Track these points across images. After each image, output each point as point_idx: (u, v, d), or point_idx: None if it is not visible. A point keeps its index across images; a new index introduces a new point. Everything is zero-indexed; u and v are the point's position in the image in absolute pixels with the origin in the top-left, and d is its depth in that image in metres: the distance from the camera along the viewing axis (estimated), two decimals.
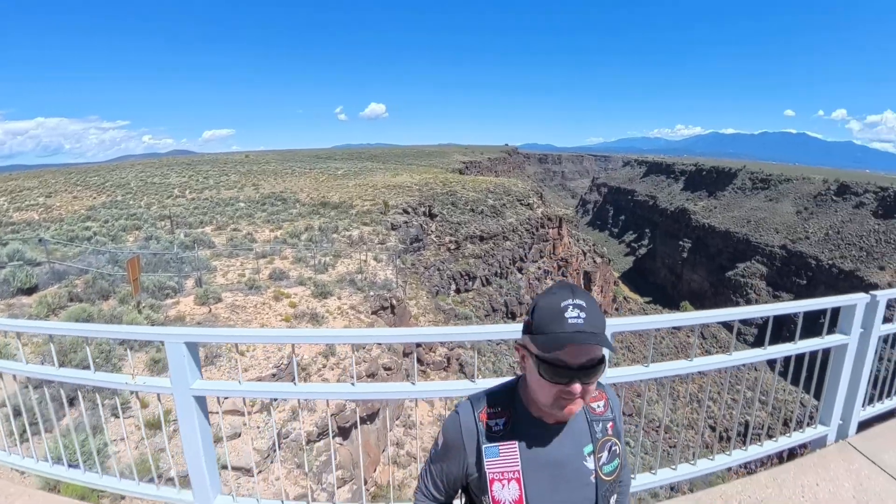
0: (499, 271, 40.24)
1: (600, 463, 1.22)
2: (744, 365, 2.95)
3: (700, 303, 79.51)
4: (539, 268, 46.07)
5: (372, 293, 16.76)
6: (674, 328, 46.51)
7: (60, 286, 11.62)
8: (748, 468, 3.87)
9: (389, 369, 13.15)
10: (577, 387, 1.05)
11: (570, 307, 1.04)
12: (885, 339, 3.33)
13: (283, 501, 2.41)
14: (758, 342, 3.41)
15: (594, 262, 63.46)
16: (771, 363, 3.19)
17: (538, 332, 1.07)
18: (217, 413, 2.63)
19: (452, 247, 36.82)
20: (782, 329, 2.89)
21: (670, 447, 25.27)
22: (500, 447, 1.16)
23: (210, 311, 12.59)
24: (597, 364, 1.06)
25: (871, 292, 3.14)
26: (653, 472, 2.80)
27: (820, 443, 3.34)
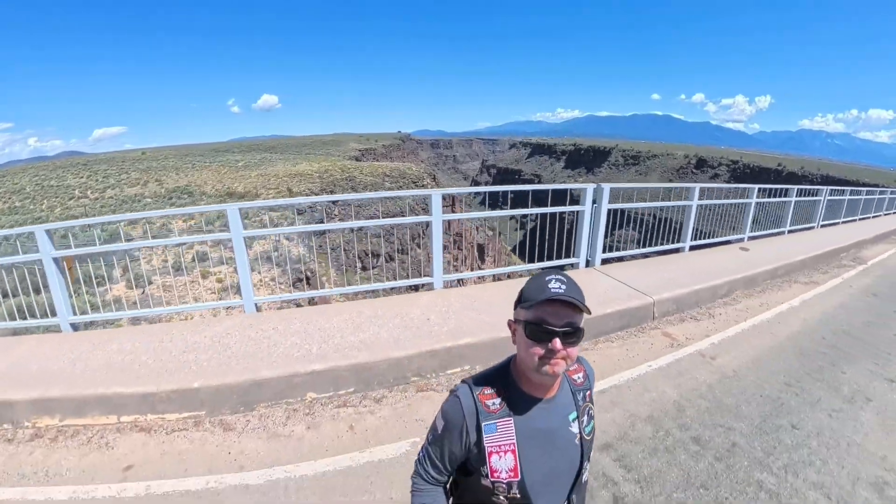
0: (400, 248, 42.92)
1: (583, 426, 1.30)
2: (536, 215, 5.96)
3: None
4: (454, 256, 49.45)
5: (288, 267, 18.80)
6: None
7: None
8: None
9: None
10: (558, 342, 1.11)
11: (553, 280, 1.14)
12: (612, 213, 6.37)
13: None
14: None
15: (486, 235, 68.30)
16: (553, 217, 6.15)
17: (525, 301, 1.15)
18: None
19: (356, 228, 38.73)
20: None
21: None
22: (498, 423, 1.20)
23: (143, 291, 13.95)
24: (576, 330, 1.13)
25: (600, 184, 6.13)
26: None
27: (576, 266, 6.37)
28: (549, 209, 6.09)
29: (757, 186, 10.06)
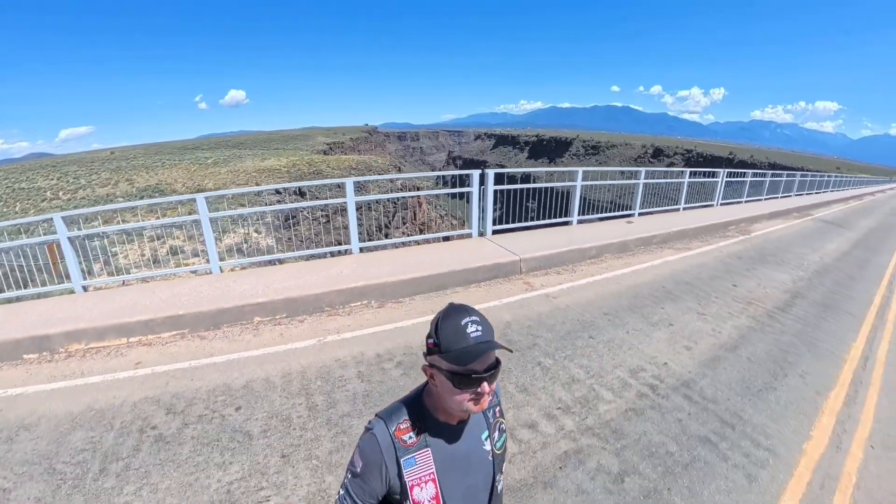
0: (367, 238, 44.21)
1: (494, 442, 1.34)
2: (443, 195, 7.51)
3: None
4: (403, 233, 50.82)
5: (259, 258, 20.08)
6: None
7: None
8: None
9: None
10: (486, 385, 1.13)
11: (469, 324, 1.12)
12: (500, 194, 8.02)
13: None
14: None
15: (451, 224, 69.98)
16: (453, 196, 7.78)
17: (447, 351, 1.12)
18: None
19: (324, 220, 39.93)
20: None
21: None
22: (416, 456, 1.20)
23: (123, 283, 15.11)
24: (497, 365, 1.15)
25: (485, 169, 7.76)
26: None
27: (468, 235, 7.98)
28: (448, 190, 7.71)
29: (644, 169, 11.80)
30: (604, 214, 10.77)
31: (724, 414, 3.70)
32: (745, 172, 17.91)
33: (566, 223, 9.67)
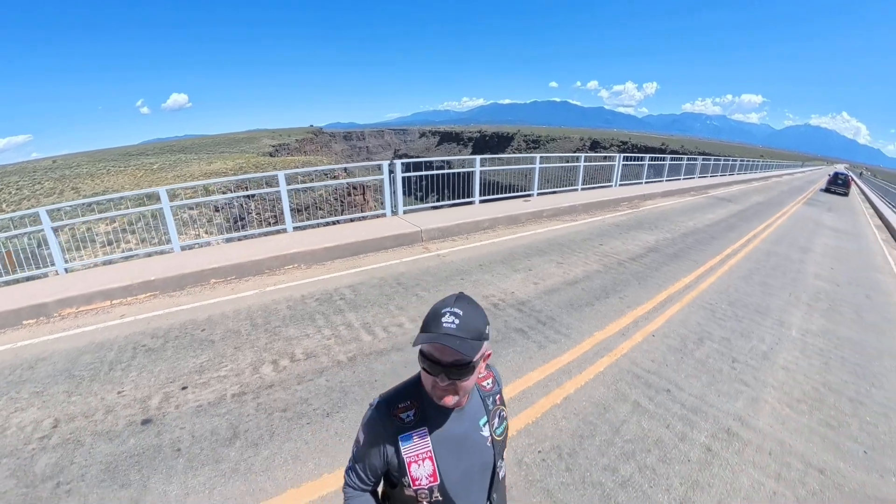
0: (301, 220, 44.83)
1: (493, 428, 1.34)
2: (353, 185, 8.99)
3: None
4: (330, 213, 51.62)
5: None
6: None
7: None
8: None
9: None
10: (441, 380, 1.12)
11: (448, 313, 1.11)
12: (407, 180, 9.65)
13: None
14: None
15: (373, 207, 71.03)
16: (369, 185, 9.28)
17: (421, 330, 1.13)
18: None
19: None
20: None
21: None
22: (414, 434, 1.23)
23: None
24: (464, 365, 1.11)
25: (394, 160, 9.35)
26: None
27: (383, 215, 9.47)
28: (360, 179, 9.24)
29: (539, 155, 13.55)
30: (505, 195, 12.50)
31: (542, 317, 5.31)
32: (643, 157, 19.95)
33: (470, 202, 11.36)
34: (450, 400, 1.18)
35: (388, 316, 5.17)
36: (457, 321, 1.10)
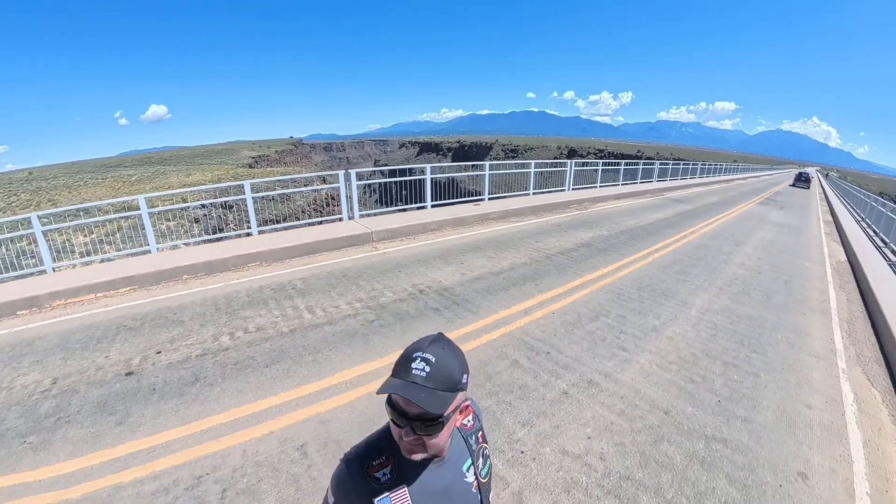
0: (265, 224, 45.33)
1: (478, 470, 1.21)
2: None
3: None
4: (295, 218, 52.04)
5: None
6: None
7: None
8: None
9: None
10: (405, 434, 1.00)
11: (419, 358, 0.99)
12: (368, 188, 10.70)
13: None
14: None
15: (330, 212, 71.61)
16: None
17: (391, 374, 1.00)
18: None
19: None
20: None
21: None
22: (391, 495, 1.06)
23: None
24: (432, 419, 0.98)
25: (349, 170, 10.39)
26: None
27: (341, 218, 10.45)
28: (317, 187, 10.27)
29: (488, 162, 14.59)
30: (457, 200, 13.45)
31: (458, 300, 6.26)
32: (597, 162, 20.97)
33: (423, 207, 12.40)
34: (417, 456, 1.04)
35: (329, 300, 6.19)
36: (427, 369, 0.98)
